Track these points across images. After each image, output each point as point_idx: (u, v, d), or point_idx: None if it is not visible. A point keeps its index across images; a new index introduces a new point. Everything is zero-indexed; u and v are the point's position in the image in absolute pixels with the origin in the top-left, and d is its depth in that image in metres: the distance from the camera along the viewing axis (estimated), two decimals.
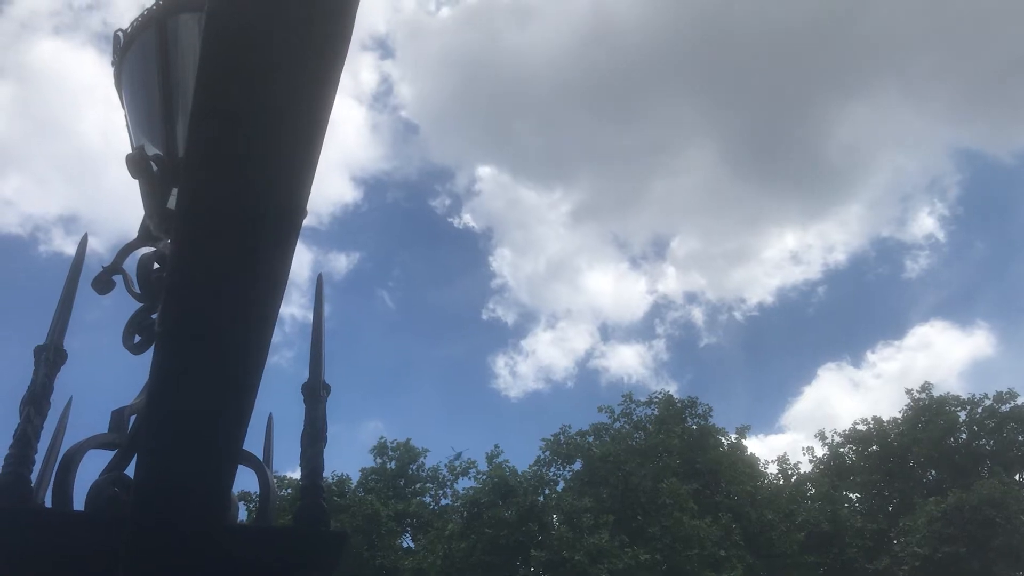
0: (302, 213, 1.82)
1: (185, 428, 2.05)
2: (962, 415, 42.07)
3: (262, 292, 1.84)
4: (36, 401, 2.36)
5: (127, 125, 3.42)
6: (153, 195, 3.09)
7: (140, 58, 3.30)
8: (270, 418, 3.41)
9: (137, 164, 3.07)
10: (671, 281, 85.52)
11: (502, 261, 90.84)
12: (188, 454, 2.12)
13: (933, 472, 42.28)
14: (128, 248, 3.16)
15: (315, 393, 2.70)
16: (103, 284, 3.05)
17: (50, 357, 2.46)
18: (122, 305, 3.11)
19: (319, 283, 3.01)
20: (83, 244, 2.87)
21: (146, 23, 3.27)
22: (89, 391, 3.49)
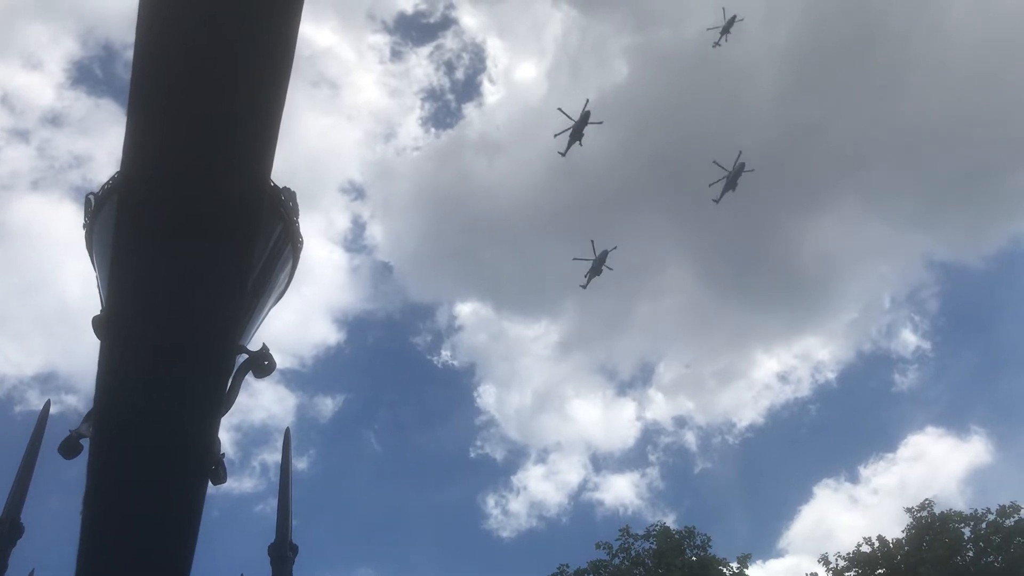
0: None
1: None
2: (966, 531, 41.19)
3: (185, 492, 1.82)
4: None
5: (98, 286, 3.43)
6: None
7: (110, 221, 3.33)
8: None
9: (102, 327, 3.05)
10: (659, 407, 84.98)
11: (487, 397, 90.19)
12: None
13: None
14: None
15: (282, 554, 2.59)
16: (70, 448, 2.97)
17: (5, 532, 2.37)
18: None
19: (286, 438, 2.90)
20: (45, 411, 2.81)
21: (116, 187, 3.32)
22: (55, 561, 3.36)
